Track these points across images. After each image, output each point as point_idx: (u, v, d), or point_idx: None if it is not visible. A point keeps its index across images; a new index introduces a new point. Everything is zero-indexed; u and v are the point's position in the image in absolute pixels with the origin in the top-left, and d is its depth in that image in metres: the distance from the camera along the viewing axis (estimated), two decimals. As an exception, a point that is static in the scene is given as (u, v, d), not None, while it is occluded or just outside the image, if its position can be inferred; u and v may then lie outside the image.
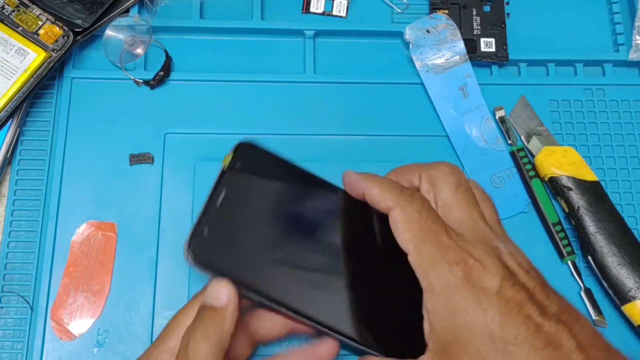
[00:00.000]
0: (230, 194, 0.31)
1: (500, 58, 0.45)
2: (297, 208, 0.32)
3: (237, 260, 0.30)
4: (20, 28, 0.41)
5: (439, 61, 0.44)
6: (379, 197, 0.31)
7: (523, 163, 0.42)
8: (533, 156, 0.43)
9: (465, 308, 0.27)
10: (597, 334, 0.28)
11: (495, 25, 0.45)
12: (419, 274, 0.29)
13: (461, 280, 0.27)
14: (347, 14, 0.46)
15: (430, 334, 0.28)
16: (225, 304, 0.29)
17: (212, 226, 0.30)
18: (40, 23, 0.41)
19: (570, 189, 0.41)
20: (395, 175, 0.33)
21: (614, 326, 0.40)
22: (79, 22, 0.42)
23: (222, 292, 0.29)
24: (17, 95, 0.40)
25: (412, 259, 0.29)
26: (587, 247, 0.40)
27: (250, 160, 0.32)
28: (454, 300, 0.27)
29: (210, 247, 0.30)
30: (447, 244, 0.28)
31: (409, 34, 0.44)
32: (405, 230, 0.29)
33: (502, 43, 0.45)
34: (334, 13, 0.46)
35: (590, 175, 0.41)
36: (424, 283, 0.28)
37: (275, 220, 0.31)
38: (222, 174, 0.31)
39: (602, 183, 0.42)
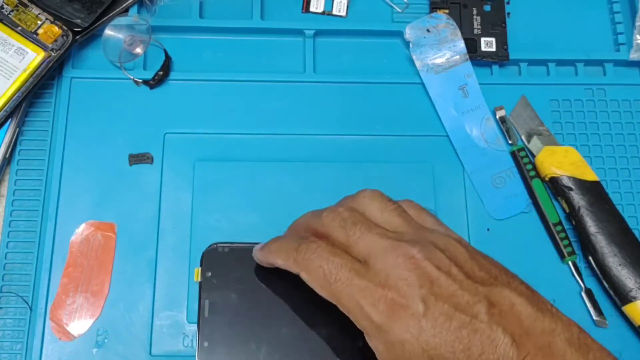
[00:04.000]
0: (212, 301, 0.36)
1: (500, 58, 0.45)
2: (268, 286, 0.37)
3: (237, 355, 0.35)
4: (19, 27, 0.41)
5: (439, 61, 0.44)
6: (286, 268, 0.32)
7: (524, 163, 0.42)
8: (534, 156, 0.42)
9: (401, 341, 0.27)
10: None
11: (496, 24, 0.45)
12: (353, 320, 0.29)
13: (388, 318, 0.28)
14: (347, 13, 0.46)
15: None
16: None
17: (209, 336, 0.36)
18: (39, 22, 0.41)
19: (570, 189, 0.41)
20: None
21: (615, 326, 0.40)
22: (78, 21, 0.41)
23: None
24: (16, 95, 0.40)
25: (343, 310, 0.29)
26: (587, 247, 0.40)
27: (217, 263, 0.37)
28: (389, 337, 0.28)
29: (213, 356, 0.35)
30: (361, 285, 0.29)
31: (409, 33, 0.44)
32: (319, 288, 0.30)
33: (502, 42, 0.45)
34: (334, 12, 0.46)
35: (591, 175, 0.41)
36: (360, 327, 0.29)
37: (257, 305, 0.36)
38: (200, 287, 0.37)
39: (603, 183, 0.42)
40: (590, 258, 0.40)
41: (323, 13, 0.46)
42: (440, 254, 0.29)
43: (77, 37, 0.42)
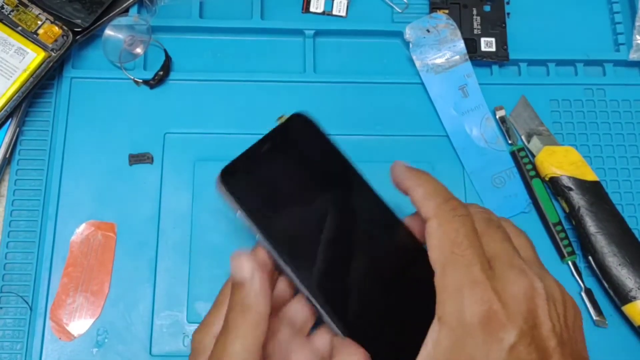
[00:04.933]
0: (273, 148, 0.32)
1: (500, 58, 0.45)
2: (326, 189, 0.32)
3: (262, 202, 0.31)
4: (20, 28, 0.41)
5: (439, 61, 0.44)
6: (421, 201, 0.29)
7: (523, 163, 0.42)
8: (533, 156, 0.42)
9: (472, 356, 0.25)
10: None
11: (496, 24, 0.45)
12: (438, 297, 0.26)
13: (478, 323, 0.25)
14: (347, 13, 0.46)
15: None
16: (249, 275, 0.28)
17: (249, 166, 0.31)
18: (39, 23, 0.41)
19: (570, 189, 0.41)
20: None
21: (615, 326, 0.40)
22: (78, 21, 0.41)
23: (244, 265, 0.28)
24: (17, 95, 0.40)
25: (436, 281, 0.26)
26: (587, 247, 0.40)
27: (300, 129, 0.33)
28: (463, 341, 0.25)
29: (240, 180, 0.31)
30: (477, 277, 0.26)
31: (409, 33, 0.44)
32: (437, 247, 0.27)
33: (502, 43, 0.45)
34: (334, 13, 0.46)
35: (590, 175, 0.41)
36: (438, 309, 0.26)
37: (304, 189, 0.32)
38: (274, 130, 0.33)
39: (603, 183, 0.42)
40: (590, 258, 0.40)
41: (323, 13, 0.46)
42: (560, 304, 0.27)
43: (77, 37, 0.42)
